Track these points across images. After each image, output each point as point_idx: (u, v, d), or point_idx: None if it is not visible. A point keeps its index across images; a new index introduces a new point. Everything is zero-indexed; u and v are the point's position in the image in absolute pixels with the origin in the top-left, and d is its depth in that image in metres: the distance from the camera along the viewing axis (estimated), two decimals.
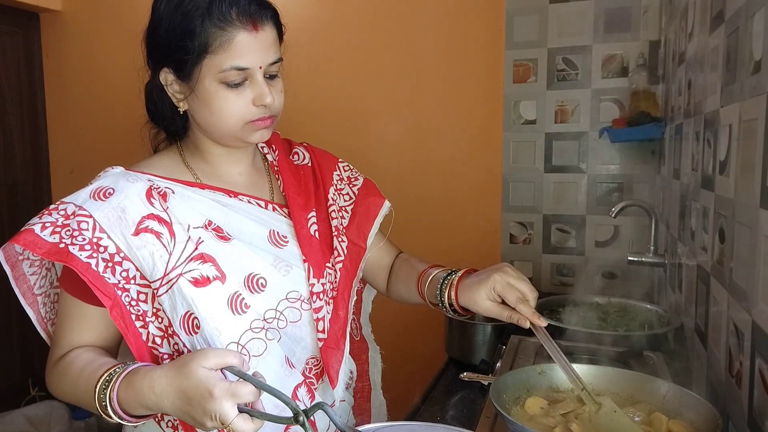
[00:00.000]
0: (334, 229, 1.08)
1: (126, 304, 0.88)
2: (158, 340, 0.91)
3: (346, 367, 1.06)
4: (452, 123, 2.26)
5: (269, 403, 0.80)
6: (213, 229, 0.94)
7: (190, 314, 0.88)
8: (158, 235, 0.89)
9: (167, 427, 0.95)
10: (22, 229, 0.88)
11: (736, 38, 0.90)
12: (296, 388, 0.96)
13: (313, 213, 1.06)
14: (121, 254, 0.88)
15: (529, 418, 0.89)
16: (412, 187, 2.28)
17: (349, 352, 1.07)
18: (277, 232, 1.01)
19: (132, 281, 0.89)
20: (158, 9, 0.92)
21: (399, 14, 2.27)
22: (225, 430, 0.74)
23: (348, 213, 1.12)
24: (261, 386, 0.75)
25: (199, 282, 0.89)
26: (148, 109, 1.01)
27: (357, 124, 2.36)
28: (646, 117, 1.85)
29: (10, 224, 2.68)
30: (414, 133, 2.31)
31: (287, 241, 1.02)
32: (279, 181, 1.09)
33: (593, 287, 2.09)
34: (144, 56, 0.97)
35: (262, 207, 1.02)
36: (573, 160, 2.10)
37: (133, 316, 0.89)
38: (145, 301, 0.90)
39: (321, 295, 1.01)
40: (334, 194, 1.12)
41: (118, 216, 0.89)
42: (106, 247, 0.87)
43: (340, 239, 1.07)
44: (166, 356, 0.91)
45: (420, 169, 2.31)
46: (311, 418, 0.73)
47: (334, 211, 1.09)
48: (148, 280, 0.89)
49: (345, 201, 1.13)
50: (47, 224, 0.88)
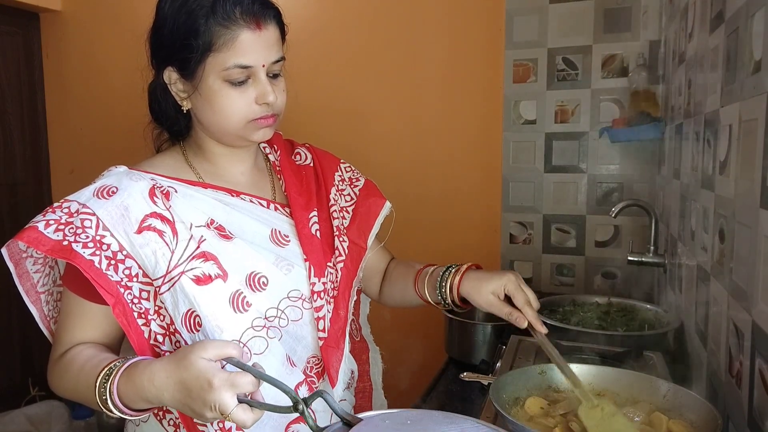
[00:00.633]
0: (335, 229, 1.08)
1: (128, 301, 0.89)
2: (160, 338, 0.91)
3: (347, 366, 1.06)
4: (452, 123, 2.26)
5: (270, 399, 0.79)
6: (215, 228, 0.94)
7: (192, 312, 0.89)
8: (161, 233, 0.89)
9: (169, 425, 0.95)
10: (26, 226, 0.88)
11: (736, 38, 0.90)
12: (297, 386, 0.97)
13: (315, 213, 1.07)
14: (124, 252, 0.88)
15: (529, 418, 0.89)
16: (411, 186, 2.28)
17: (350, 352, 1.07)
18: (279, 231, 1.02)
19: (134, 279, 0.89)
20: (162, 9, 0.93)
21: (399, 14, 2.27)
22: (225, 421, 0.73)
23: (349, 213, 1.13)
24: (260, 376, 0.75)
25: (201, 280, 0.90)
26: (151, 109, 1.01)
27: (357, 124, 2.36)
28: (646, 117, 1.85)
29: (11, 224, 2.68)
30: (414, 132, 2.31)
31: (289, 241, 1.02)
32: (281, 181, 1.09)
33: (593, 287, 2.10)
34: (148, 56, 0.97)
35: (263, 206, 1.02)
36: (573, 160, 2.10)
37: (135, 314, 0.89)
38: (147, 299, 0.90)
39: (322, 294, 1.02)
40: (335, 194, 1.12)
41: (121, 214, 0.89)
42: (109, 245, 0.88)
43: (341, 239, 1.08)
44: (167, 354, 0.91)
45: (420, 168, 2.31)
46: (311, 407, 0.73)
47: (335, 211, 1.10)
48: (150, 278, 0.89)
49: (346, 201, 1.14)
50: (51, 222, 0.88)
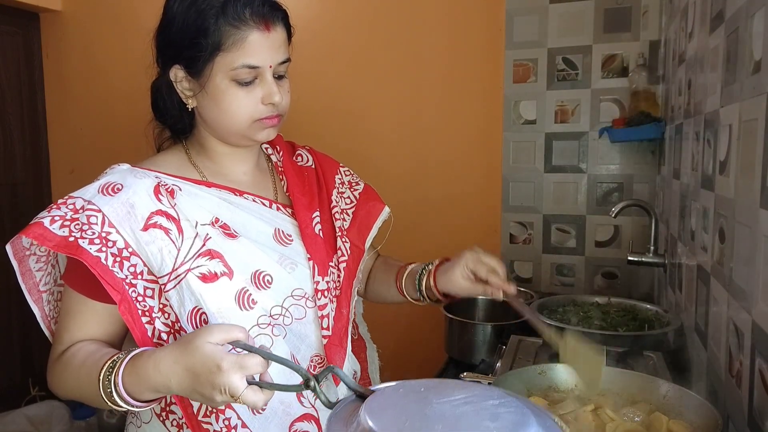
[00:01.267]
0: (337, 230, 1.09)
1: (132, 299, 0.88)
2: (164, 336, 0.91)
3: (350, 365, 1.07)
4: (452, 123, 2.26)
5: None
6: (220, 227, 0.95)
7: (198, 309, 0.89)
8: (167, 230, 0.89)
9: (172, 426, 0.95)
10: (31, 222, 0.87)
11: (736, 38, 0.90)
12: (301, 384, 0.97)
13: (317, 213, 1.08)
14: (129, 249, 0.88)
15: None
16: (411, 186, 2.28)
17: (351, 351, 1.07)
18: (282, 231, 1.02)
19: (139, 277, 0.89)
20: (171, 7, 0.93)
21: (399, 14, 2.27)
22: (230, 419, 0.72)
23: (349, 216, 1.14)
24: (269, 357, 0.74)
25: (207, 278, 0.90)
26: (154, 107, 1.02)
27: (357, 124, 2.36)
28: (646, 117, 1.85)
29: (11, 224, 2.68)
30: (414, 132, 2.31)
31: (292, 240, 1.02)
32: (282, 182, 1.10)
33: (593, 287, 2.10)
34: (153, 53, 0.98)
35: (266, 206, 1.03)
36: (573, 160, 2.10)
37: (139, 312, 0.89)
38: (152, 297, 0.90)
39: (326, 293, 1.02)
40: (336, 197, 1.14)
41: (127, 211, 0.89)
42: (114, 242, 0.87)
43: (343, 240, 1.09)
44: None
45: (420, 168, 2.31)
46: (322, 383, 0.72)
47: (337, 212, 1.11)
48: (155, 276, 0.89)
49: (346, 204, 1.15)
50: (56, 218, 0.87)
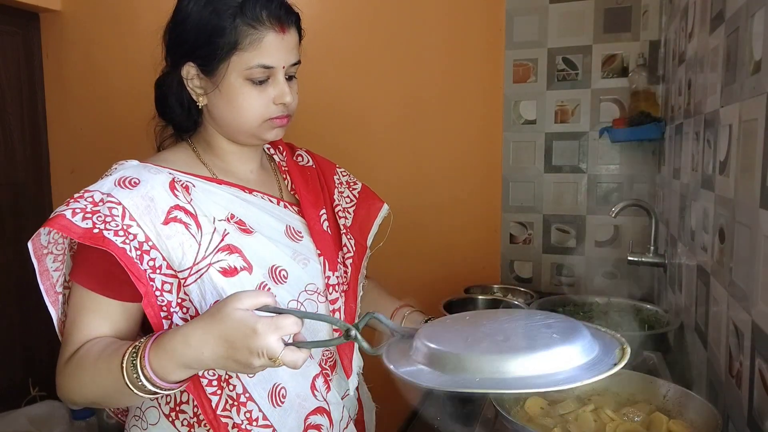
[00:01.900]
0: (342, 227, 1.12)
1: (152, 293, 0.88)
2: None
3: (358, 358, 1.09)
4: (452, 123, 2.25)
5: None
6: (235, 223, 0.95)
7: None
8: (186, 225, 0.90)
9: (182, 425, 0.95)
10: (52, 215, 0.85)
11: (736, 38, 0.90)
12: (314, 378, 0.99)
13: (324, 211, 1.10)
14: (150, 243, 0.87)
15: (528, 419, 0.89)
16: (411, 187, 2.28)
17: None
18: (293, 228, 1.04)
19: (157, 271, 0.88)
20: (186, 5, 0.93)
21: (399, 14, 2.27)
22: (252, 411, 0.72)
23: (351, 214, 1.16)
24: (303, 315, 0.74)
25: (228, 272, 0.90)
26: (158, 104, 1.02)
27: (357, 124, 2.36)
28: (646, 117, 1.85)
29: (12, 224, 2.68)
30: (414, 132, 2.30)
31: (302, 236, 1.04)
32: (286, 181, 1.12)
33: (593, 287, 2.10)
34: (163, 51, 0.98)
35: (274, 203, 1.04)
36: (573, 160, 2.10)
37: (157, 306, 0.88)
38: (170, 292, 0.89)
39: (336, 288, 1.04)
40: (337, 196, 1.16)
41: (147, 205, 0.88)
42: (135, 235, 0.86)
43: (348, 236, 1.11)
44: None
45: (419, 169, 2.31)
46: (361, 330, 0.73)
47: (339, 211, 1.14)
48: (174, 270, 0.88)
49: (347, 203, 1.18)
50: (77, 210, 0.86)
